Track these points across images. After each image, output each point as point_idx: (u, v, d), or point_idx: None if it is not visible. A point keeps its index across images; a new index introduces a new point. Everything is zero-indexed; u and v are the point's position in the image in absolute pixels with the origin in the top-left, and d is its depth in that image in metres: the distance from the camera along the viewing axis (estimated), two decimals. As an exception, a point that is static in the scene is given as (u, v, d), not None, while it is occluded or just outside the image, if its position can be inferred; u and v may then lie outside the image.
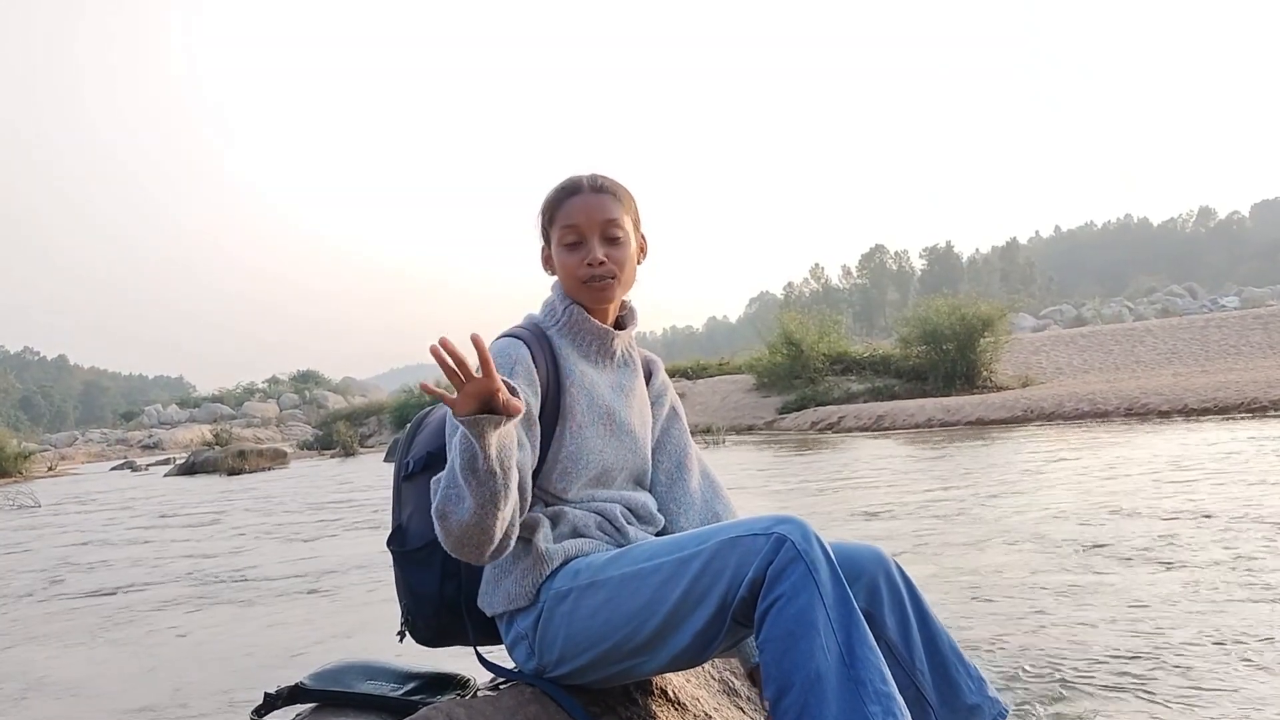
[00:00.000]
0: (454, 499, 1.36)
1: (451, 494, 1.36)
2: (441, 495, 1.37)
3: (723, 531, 1.36)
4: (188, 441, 41.64)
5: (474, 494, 1.33)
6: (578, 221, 1.57)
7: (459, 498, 1.35)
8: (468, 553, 1.41)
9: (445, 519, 1.37)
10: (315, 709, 1.69)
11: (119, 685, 3.42)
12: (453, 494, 1.36)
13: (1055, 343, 26.37)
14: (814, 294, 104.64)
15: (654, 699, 1.62)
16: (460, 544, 1.39)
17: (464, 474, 1.32)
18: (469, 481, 1.33)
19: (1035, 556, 4.22)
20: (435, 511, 1.38)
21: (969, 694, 1.48)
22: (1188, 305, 63.21)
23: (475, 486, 1.33)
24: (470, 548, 1.39)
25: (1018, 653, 2.84)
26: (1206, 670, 2.53)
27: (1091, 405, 14.02)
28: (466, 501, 1.34)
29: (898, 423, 16.20)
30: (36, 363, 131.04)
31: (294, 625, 4.21)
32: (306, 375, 72.38)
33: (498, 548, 1.41)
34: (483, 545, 1.39)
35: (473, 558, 1.42)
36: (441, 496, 1.37)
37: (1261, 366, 18.07)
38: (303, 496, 11.78)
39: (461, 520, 1.36)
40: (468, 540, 1.38)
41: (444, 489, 1.37)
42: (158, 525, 9.41)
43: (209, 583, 5.52)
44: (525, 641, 1.51)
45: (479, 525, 1.36)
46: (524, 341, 1.55)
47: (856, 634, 1.26)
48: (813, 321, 23.89)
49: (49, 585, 5.92)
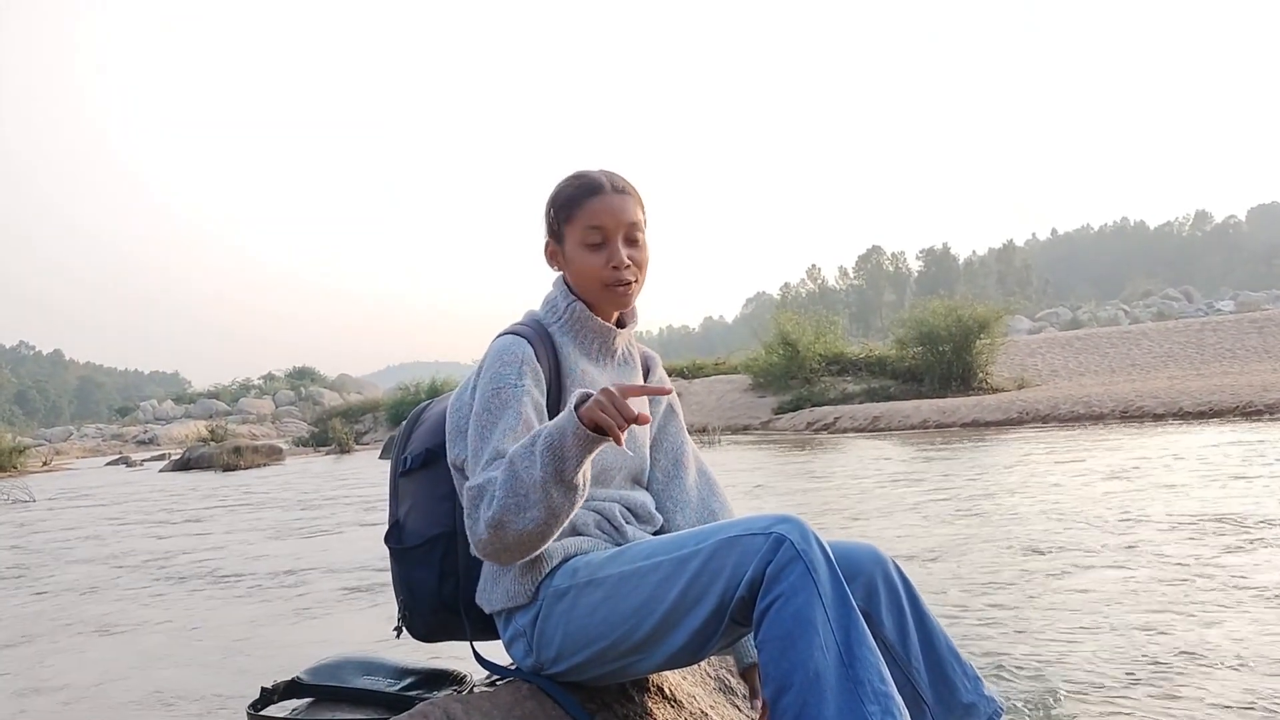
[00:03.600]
0: (516, 508, 1.34)
1: (513, 503, 1.34)
2: (500, 504, 1.35)
3: (721, 531, 1.36)
4: (183, 437, 41.53)
5: (548, 505, 1.33)
6: (604, 223, 1.55)
7: (523, 506, 1.33)
8: (508, 558, 1.41)
9: (502, 528, 1.35)
10: (311, 704, 1.69)
11: (114, 680, 3.41)
12: (515, 503, 1.34)
13: (1051, 345, 26.42)
14: (810, 295, 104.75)
15: (650, 696, 1.63)
16: (509, 551, 1.38)
17: (547, 484, 1.32)
18: (550, 492, 1.32)
19: (1025, 558, 4.22)
20: (489, 520, 1.36)
21: (965, 693, 1.49)
22: (1183, 309, 63.37)
23: (556, 497, 1.32)
24: (515, 554, 1.39)
25: (1008, 653, 2.85)
26: (1195, 673, 2.54)
27: (1086, 408, 14.04)
28: (533, 511, 1.33)
29: (893, 424, 16.22)
30: (32, 357, 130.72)
31: (290, 620, 4.21)
32: (302, 372, 72.27)
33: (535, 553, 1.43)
34: (528, 551, 1.40)
35: (505, 561, 1.42)
36: (500, 506, 1.35)
37: (1256, 370, 18.11)
38: (298, 493, 11.77)
39: (524, 530, 1.34)
40: (521, 548, 1.38)
41: (503, 498, 1.35)
42: (152, 521, 9.39)
43: (204, 578, 5.51)
44: (523, 639, 1.50)
45: (541, 535, 1.36)
46: (527, 339, 1.54)
47: (855, 633, 1.26)
48: (809, 322, 23.93)
49: (43, 581, 5.91)
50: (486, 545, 1.39)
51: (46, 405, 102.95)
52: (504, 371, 1.49)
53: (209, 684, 3.26)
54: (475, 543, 1.40)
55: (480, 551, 1.41)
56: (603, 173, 1.61)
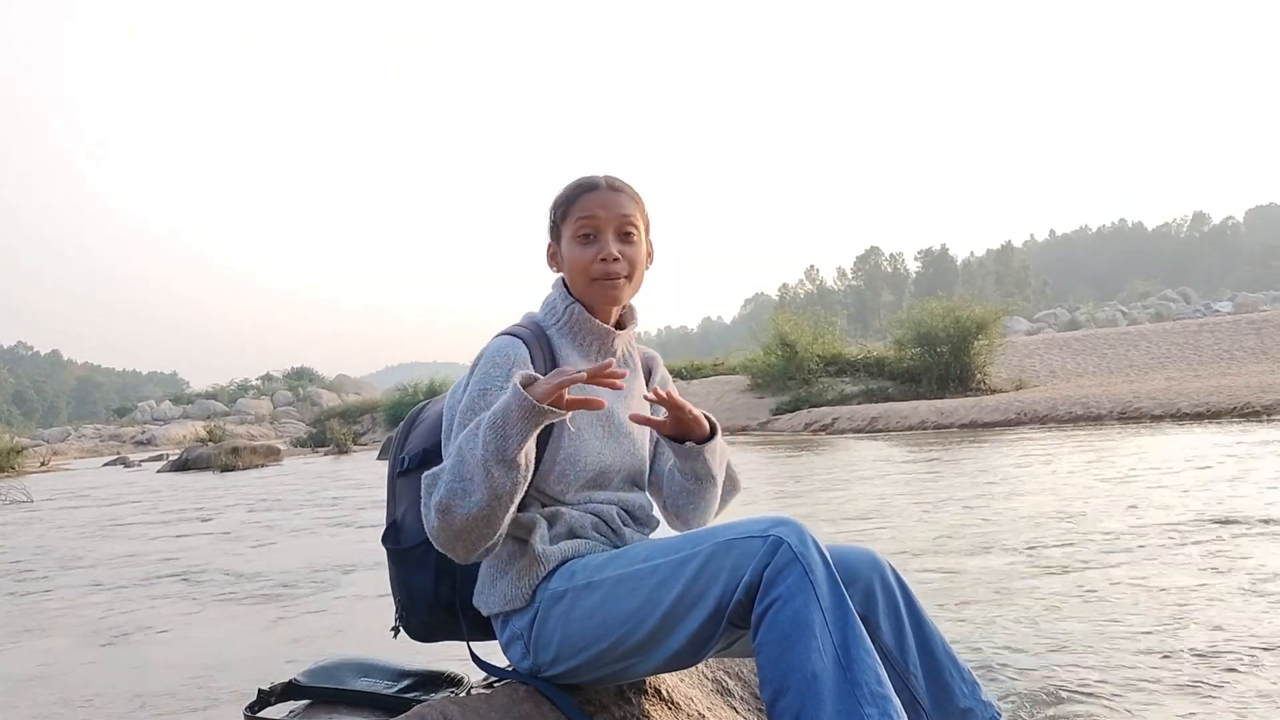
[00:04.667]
0: (461, 491, 1.35)
1: (459, 487, 1.35)
2: (446, 488, 1.36)
3: (719, 534, 1.36)
4: (181, 438, 41.52)
5: (491, 485, 1.33)
6: (594, 215, 1.56)
7: (468, 490, 1.34)
8: (461, 548, 1.40)
9: (449, 512, 1.36)
10: (309, 706, 1.69)
11: (110, 682, 3.41)
12: (460, 487, 1.35)
13: (1049, 346, 26.44)
14: (809, 295, 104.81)
15: (647, 698, 1.62)
16: (457, 539, 1.38)
17: (489, 463, 1.33)
18: (491, 471, 1.33)
19: (1025, 559, 4.22)
20: (437, 505, 1.37)
21: (962, 698, 1.48)
22: (1181, 310, 63.47)
23: (497, 476, 1.33)
24: (466, 543, 1.39)
25: (1006, 655, 2.84)
26: (1198, 672, 2.54)
27: (1084, 409, 14.05)
28: (477, 494, 1.34)
29: (891, 425, 16.22)
30: (30, 357, 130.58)
31: (287, 621, 4.20)
32: (300, 372, 72.25)
33: (490, 545, 1.41)
34: (479, 541, 1.39)
35: (462, 555, 1.41)
36: (446, 490, 1.36)
37: (1254, 371, 18.13)
38: (296, 494, 11.76)
39: (469, 513, 1.35)
40: (469, 534, 1.37)
41: (449, 481, 1.36)
42: (150, 521, 9.38)
43: (201, 579, 5.50)
44: (520, 641, 1.50)
45: (487, 519, 1.36)
46: (523, 341, 1.54)
47: (852, 636, 1.26)
48: (807, 323, 23.96)
49: (39, 581, 5.90)
50: (437, 533, 1.39)
51: (44, 405, 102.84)
52: (493, 374, 1.49)
53: (206, 685, 3.25)
54: (428, 531, 1.41)
55: (435, 541, 1.41)
56: (603, 175, 1.62)
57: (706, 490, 1.64)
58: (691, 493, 1.65)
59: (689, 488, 1.64)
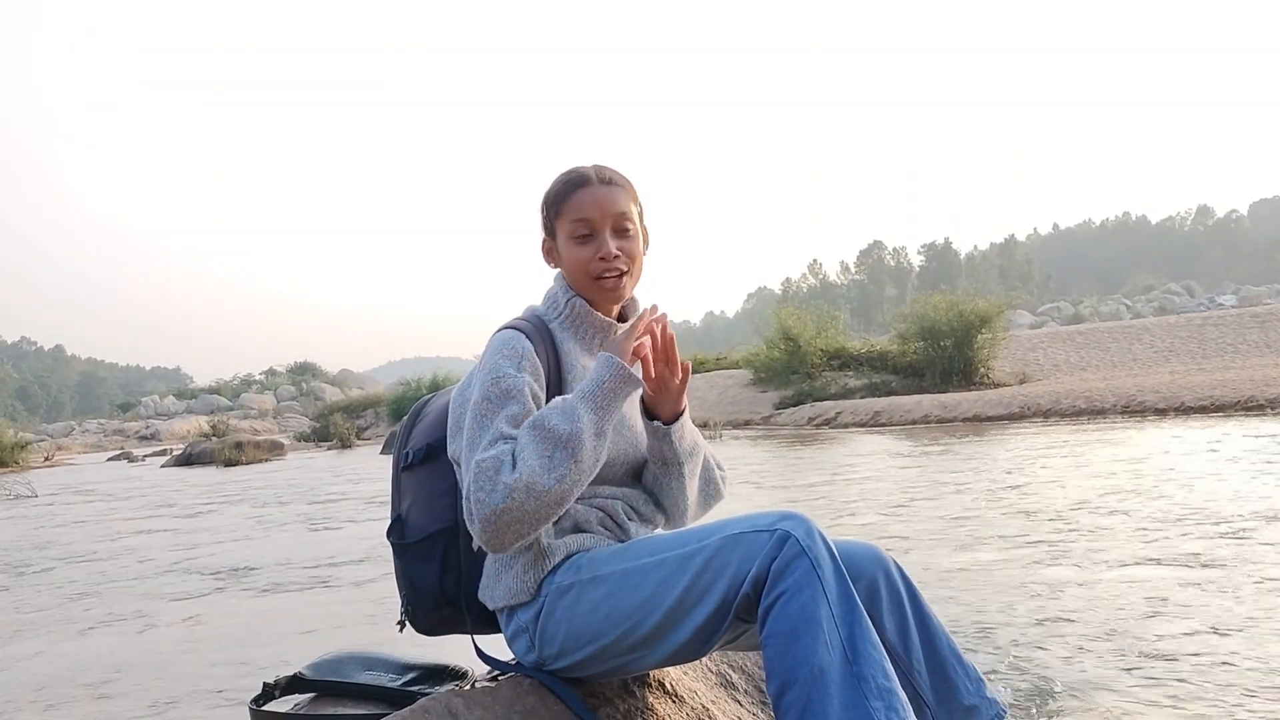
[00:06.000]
0: (546, 466, 1.33)
1: (544, 460, 1.34)
2: (527, 465, 1.33)
3: (726, 527, 1.36)
4: (184, 433, 41.62)
5: (582, 460, 1.36)
6: (590, 215, 1.55)
7: (551, 465, 1.34)
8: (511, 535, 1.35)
9: (527, 491, 1.32)
10: (314, 699, 1.69)
11: (115, 675, 3.42)
12: (546, 460, 1.34)
13: (1052, 340, 26.38)
14: (812, 290, 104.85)
15: (651, 691, 1.62)
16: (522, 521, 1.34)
17: (586, 436, 1.36)
18: (587, 444, 1.37)
19: (1028, 553, 4.22)
20: (513, 486, 1.32)
21: (966, 695, 1.48)
22: (1185, 303, 63.35)
23: (592, 449, 1.37)
24: (526, 528, 1.35)
25: (1011, 650, 2.85)
26: (1201, 671, 2.54)
27: (1088, 402, 14.03)
28: (560, 468, 1.34)
29: (894, 419, 16.21)
30: (33, 353, 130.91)
31: (292, 615, 4.21)
32: (304, 367, 72.39)
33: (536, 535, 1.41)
34: (539, 525, 1.36)
35: (509, 542, 1.36)
36: (527, 466, 1.33)
37: (1258, 365, 18.09)
38: (299, 488, 11.78)
39: (549, 489, 1.33)
40: (539, 516, 1.35)
41: (535, 456, 1.34)
42: (154, 516, 9.40)
43: (205, 573, 5.52)
44: (526, 635, 1.50)
45: (566, 496, 1.37)
46: (526, 334, 1.53)
47: (859, 630, 1.26)
48: (810, 317, 23.92)
49: (44, 575, 5.92)
50: (498, 518, 1.33)
51: (48, 401, 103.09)
52: (502, 364, 1.48)
53: (211, 679, 3.26)
54: (481, 519, 1.34)
55: (486, 529, 1.34)
56: (592, 167, 1.61)
57: (673, 478, 1.60)
58: (657, 478, 1.61)
59: (655, 473, 1.61)
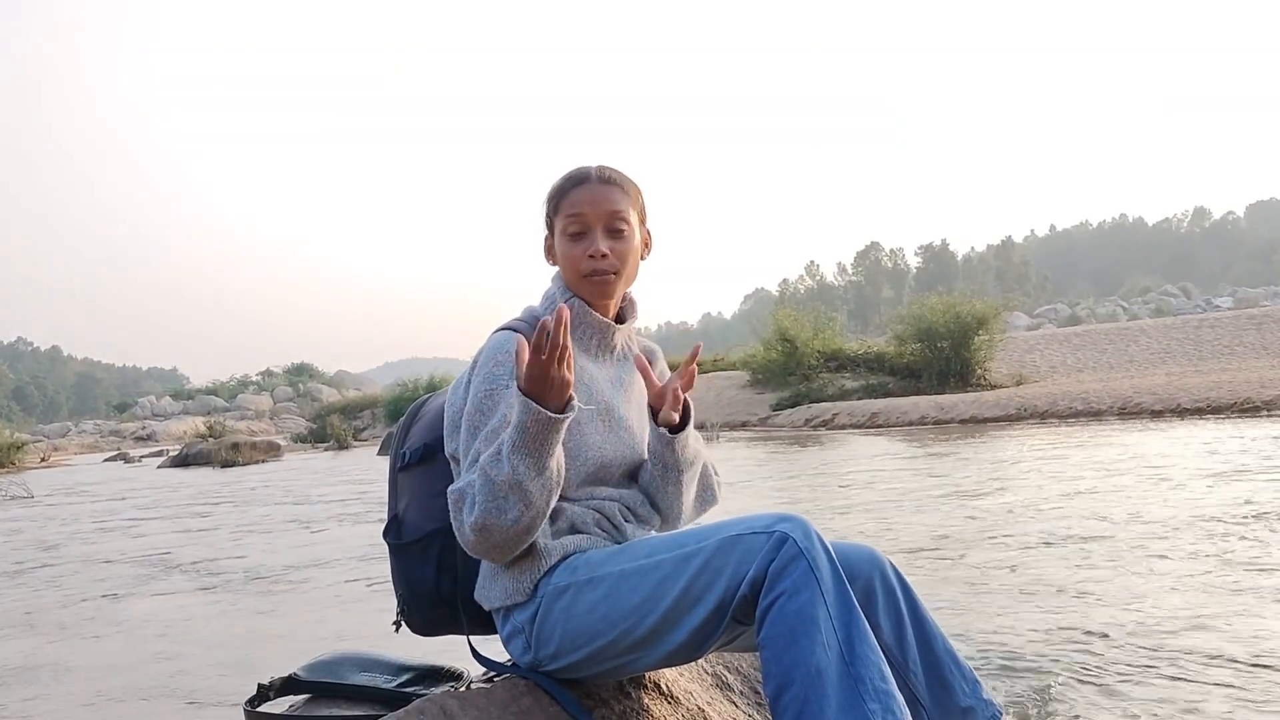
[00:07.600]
0: (497, 510, 1.36)
1: (493, 506, 1.36)
2: (481, 510, 1.36)
3: (724, 529, 1.35)
4: (181, 434, 41.45)
5: (527, 501, 1.35)
6: (583, 211, 1.55)
7: (503, 509, 1.35)
8: (499, 554, 1.43)
9: (486, 530, 1.37)
10: (309, 700, 1.69)
11: (110, 676, 3.41)
12: (495, 506, 1.36)
13: (1049, 341, 26.41)
14: (809, 291, 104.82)
15: (647, 692, 1.62)
16: (499, 549, 1.41)
17: (522, 482, 1.34)
18: (525, 488, 1.34)
19: (1025, 555, 4.22)
20: (474, 525, 1.37)
21: (963, 696, 1.48)
22: (1182, 305, 63.44)
23: (533, 491, 1.35)
24: (505, 550, 1.41)
25: (1008, 652, 2.84)
26: (1200, 670, 2.54)
27: (1085, 404, 14.04)
28: (513, 511, 1.35)
29: (891, 420, 16.21)
30: (30, 353, 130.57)
31: (287, 616, 4.20)
32: (300, 368, 72.17)
33: (528, 545, 1.44)
34: (519, 545, 1.42)
35: (498, 557, 1.44)
36: (481, 510, 1.36)
37: (1255, 367, 18.11)
38: (295, 489, 11.77)
39: (508, 528, 1.37)
40: (511, 544, 1.40)
41: (484, 503, 1.36)
42: (150, 517, 9.39)
43: (200, 573, 5.50)
44: (522, 635, 1.50)
45: (527, 529, 1.39)
46: (522, 335, 1.53)
47: (857, 632, 1.25)
48: (807, 318, 23.90)
49: (40, 576, 5.90)
50: (474, 546, 1.42)
51: (44, 401, 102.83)
52: (496, 371, 1.48)
53: (205, 680, 3.26)
54: (463, 544, 1.43)
55: (471, 552, 1.44)
56: (596, 166, 1.60)
57: (671, 483, 1.60)
58: (655, 480, 1.61)
59: (653, 475, 1.61)
